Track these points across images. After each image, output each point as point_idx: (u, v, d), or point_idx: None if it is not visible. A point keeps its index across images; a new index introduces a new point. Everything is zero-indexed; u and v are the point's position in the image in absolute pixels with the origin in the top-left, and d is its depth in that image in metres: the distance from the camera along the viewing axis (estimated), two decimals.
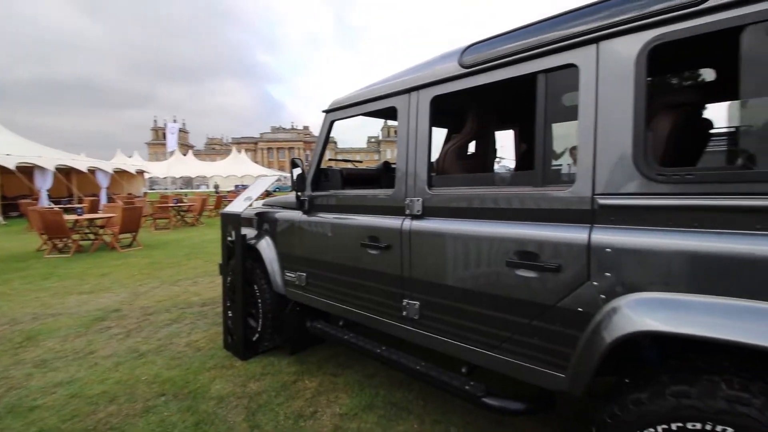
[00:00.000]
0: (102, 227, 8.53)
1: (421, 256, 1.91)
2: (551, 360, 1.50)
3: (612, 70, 1.37)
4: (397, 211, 2.05)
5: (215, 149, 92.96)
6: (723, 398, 1.08)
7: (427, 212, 1.92)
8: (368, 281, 2.20)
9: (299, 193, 2.70)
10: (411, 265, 1.95)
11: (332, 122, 2.59)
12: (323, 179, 2.71)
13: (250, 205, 3.15)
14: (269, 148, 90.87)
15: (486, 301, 1.67)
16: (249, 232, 3.18)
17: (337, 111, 2.56)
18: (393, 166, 2.87)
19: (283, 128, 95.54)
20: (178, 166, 31.24)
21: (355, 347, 2.41)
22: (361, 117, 2.54)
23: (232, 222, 3.03)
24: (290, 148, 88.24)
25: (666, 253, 1.22)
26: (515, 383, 1.66)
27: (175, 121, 27.92)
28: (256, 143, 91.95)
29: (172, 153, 29.34)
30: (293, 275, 2.78)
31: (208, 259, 7.22)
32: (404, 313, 2.01)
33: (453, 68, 1.85)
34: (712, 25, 1.19)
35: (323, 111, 2.66)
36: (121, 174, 20.20)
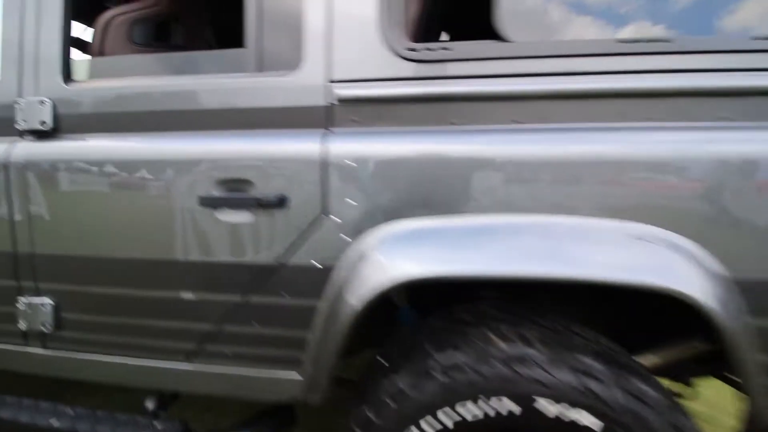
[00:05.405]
0: None
1: (54, 211, 1.00)
2: (279, 354, 0.93)
3: None
4: (3, 126, 1.05)
5: None
6: (499, 360, 0.74)
7: (65, 126, 1.02)
8: None
9: None
10: (32, 229, 1.01)
11: None
12: None
13: None
14: None
15: (171, 275, 0.95)
16: None
17: None
18: None
19: None
20: None
21: None
22: None
23: None
24: None
25: (428, 161, 0.83)
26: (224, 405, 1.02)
27: None
28: None
29: None
30: None
31: None
32: (24, 325, 1.04)
33: None
34: None
35: None
36: None
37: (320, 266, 0.86)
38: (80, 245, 0.99)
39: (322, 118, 0.88)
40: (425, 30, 1.05)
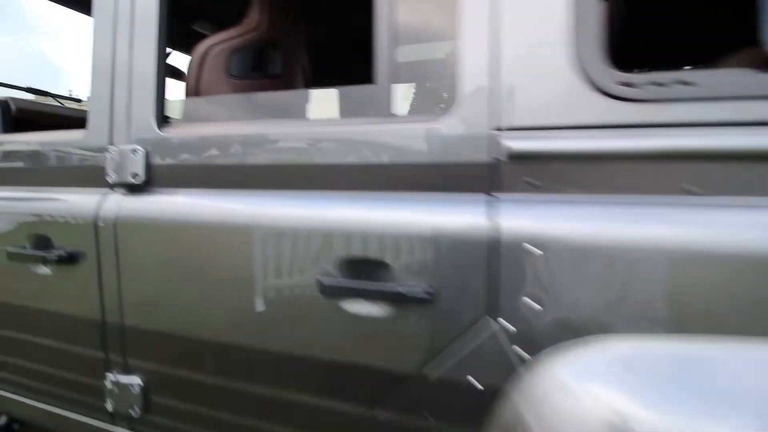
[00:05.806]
0: None
1: (144, 278, 0.86)
2: None
3: None
4: (93, 176, 0.93)
5: None
6: None
7: (158, 178, 0.87)
8: (37, 335, 1.01)
9: None
10: (121, 298, 0.88)
11: None
12: None
13: None
14: None
15: (279, 370, 0.76)
16: None
17: None
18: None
19: None
20: None
21: None
22: None
23: None
24: None
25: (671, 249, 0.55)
26: None
27: None
28: None
29: None
30: None
31: None
32: (111, 404, 0.92)
33: None
34: None
35: None
36: None
37: (480, 387, 0.63)
38: (172, 322, 0.84)
39: (484, 179, 0.64)
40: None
